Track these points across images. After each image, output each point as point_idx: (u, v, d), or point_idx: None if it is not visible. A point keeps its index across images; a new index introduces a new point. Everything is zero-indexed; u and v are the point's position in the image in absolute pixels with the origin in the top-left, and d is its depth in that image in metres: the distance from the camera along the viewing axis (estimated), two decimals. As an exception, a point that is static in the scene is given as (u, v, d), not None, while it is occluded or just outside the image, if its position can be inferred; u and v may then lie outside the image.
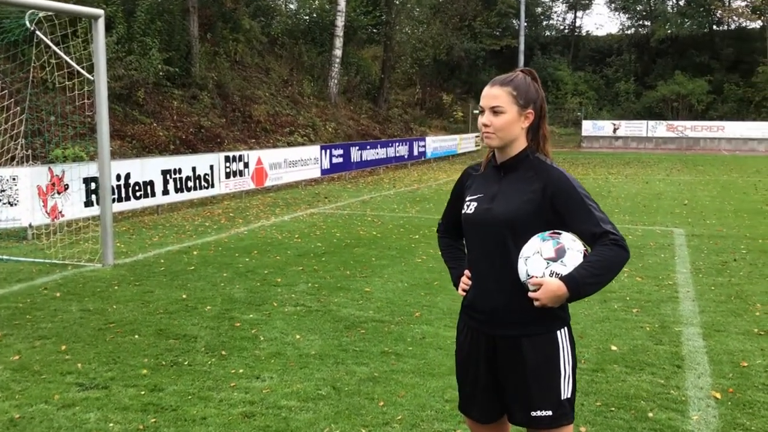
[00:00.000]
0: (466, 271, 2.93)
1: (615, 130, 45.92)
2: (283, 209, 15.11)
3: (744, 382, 5.15)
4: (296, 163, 19.36)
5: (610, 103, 52.17)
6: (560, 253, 2.54)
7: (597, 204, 2.67)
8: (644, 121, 46.38)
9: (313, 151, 20.55)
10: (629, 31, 59.77)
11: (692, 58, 51.95)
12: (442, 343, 6.03)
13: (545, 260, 2.55)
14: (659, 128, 45.54)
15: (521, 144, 2.78)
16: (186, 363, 5.54)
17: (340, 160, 22.05)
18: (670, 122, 46.17)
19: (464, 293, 2.92)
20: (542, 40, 59.25)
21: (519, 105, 2.72)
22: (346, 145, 23.06)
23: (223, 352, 5.78)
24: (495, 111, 2.71)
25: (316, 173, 20.65)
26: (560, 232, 2.62)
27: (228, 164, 16.30)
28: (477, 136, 40.22)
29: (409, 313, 7.00)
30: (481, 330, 2.81)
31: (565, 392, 2.72)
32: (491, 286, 2.77)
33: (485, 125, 2.74)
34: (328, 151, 21.28)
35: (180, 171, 14.69)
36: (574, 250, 2.56)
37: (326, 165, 21.11)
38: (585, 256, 2.56)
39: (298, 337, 6.20)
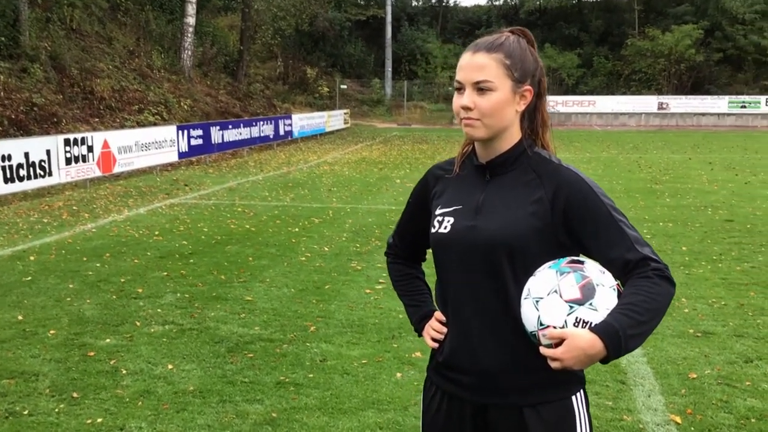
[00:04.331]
0: (437, 314, 2.22)
1: (487, 105, 46.42)
2: (138, 200, 13.86)
3: (700, 399, 4.75)
4: (149, 145, 18.00)
5: (480, 77, 52.83)
6: (588, 293, 1.87)
7: (626, 217, 2.02)
8: (516, 96, 47.17)
9: (168, 131, 19.21)
10: (498, 2, 60.97)
11: (561, 30, 53.54)
12: (347, 366, 5.32)
13: (567, 303, 1.86)
14: (531, 103, 46.44)
15: (515, 134, 2.10)
16: (26, 412, 4.55)
17: (200, 141, 20.80)
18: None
19: (436, 344, 2.20)
20: (409, 10, 59.39)
21: (514, 79, 2.03)
22: (205, 124, 21.81)
23: (75, 394, 4.82)
24: (481, 88, 2.01)
25: (173, 157, 19.34)
26: (582, 259, 1.95)
27: (68, 148, 14.80)
28: (345, 113, 39.68)
29: (302, 327, 6.24)
30: (465, 397, 2.11)
31: (583, 478, 2.07)
32: (480, 336, 2.07)
33: (467, 108, 2.02)
34: (185, 131, 19.99)
35: (9, 157, 13.12)
36: (605, 286, 1.89)
37: (184, 147, 19.82)
38: (619, 293, 1.91)
39: (170, 367, 5.31)
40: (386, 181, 16.89)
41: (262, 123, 26.22)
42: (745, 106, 43.32)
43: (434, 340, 2.20)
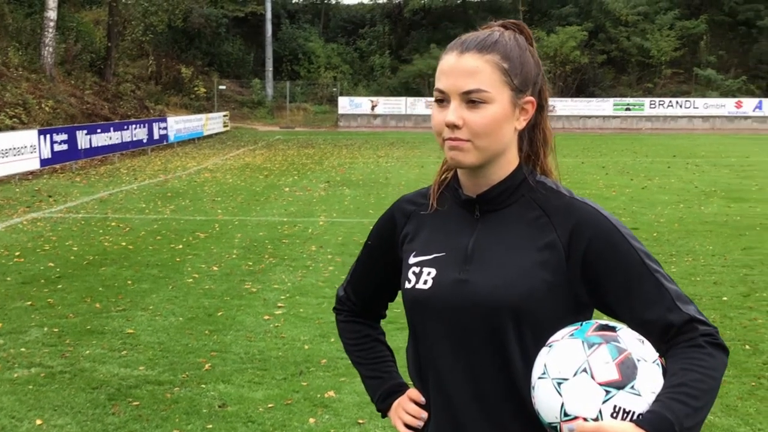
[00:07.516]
0: (412, 392, 1.77)
1: (373, 107, 46.42)
2: (-6, 215, 12.77)
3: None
4: (6, 152, 16.72)
5: (365, 78, 52.80)
6: (628, 372, 1.46)
7: (661, 265, 1.63)
8: (402, 98, 47.39)
9: (28, 136, 17.96)
10: (381, 1, 61.10)
11: (447, 30, 54.04)
12: (251, 412, 4.78)
13: (602, 387, 1.45)
14: (418, 105, 46.75)
15: (512, 159, 1.68)
16: None
17: (65, 147, 19.59)
18: (428, 99, 47.65)
19: (411, 433, 1.75)
20: (290, 7, 58.73)
21: (513, 88, 1.61)
22: (70, 128, 20.57)
23: None
24: (472, 100, 1.58)
25: (34, 164, 18.09)
26: (613, 325, 1.54)
27: None
28: (225, 115, 38.65)
29: (196, 364, 5.65)
30: (454, 505, 1.67)
31: None
32: (475, 426, 1.63)
33: (453, 126, 1.59)
34: (48, 136, 18.76)
35: None
36: (648, 361, 1.49)
37: (47, 154, 18.60)
38: (663, 369, 1.51)
39: (39, 422, 4.63)
40: (274, 189, 16.29)
41: (134, 126, 25.07)
42: (629, 109, 44.96)
43: (409, 427, 1.75)
